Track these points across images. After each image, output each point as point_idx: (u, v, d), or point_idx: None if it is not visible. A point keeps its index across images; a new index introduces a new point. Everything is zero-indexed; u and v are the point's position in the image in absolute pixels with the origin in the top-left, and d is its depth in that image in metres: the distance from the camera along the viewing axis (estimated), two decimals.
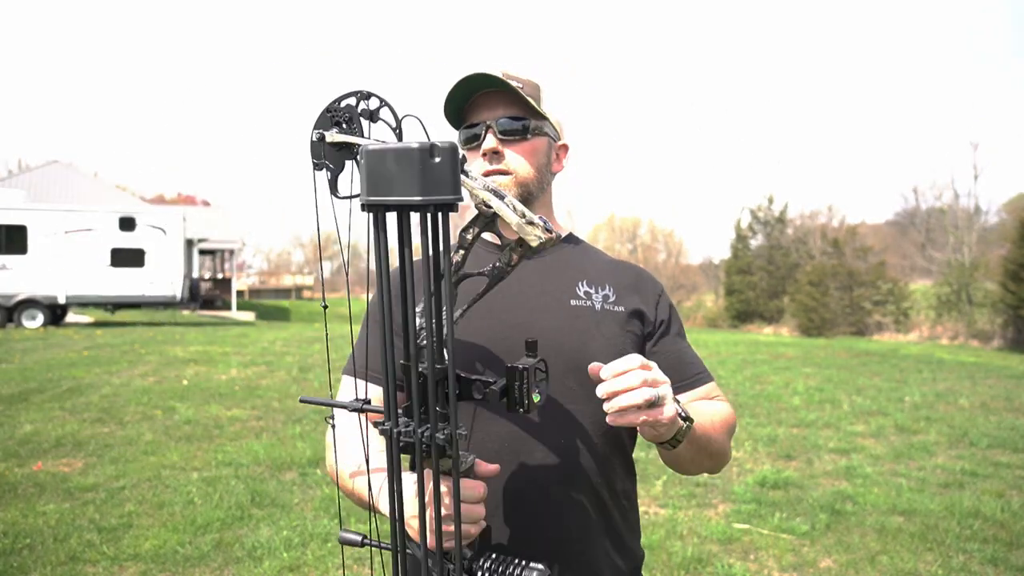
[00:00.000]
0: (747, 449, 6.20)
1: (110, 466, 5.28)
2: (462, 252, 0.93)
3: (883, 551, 4.09)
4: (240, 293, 36.32)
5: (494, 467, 1.01)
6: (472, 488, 0.95)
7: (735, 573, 3.77)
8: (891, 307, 26.53)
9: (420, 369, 0.85)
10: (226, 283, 30.92)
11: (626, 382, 1.00)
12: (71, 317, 20.59)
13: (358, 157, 0.81)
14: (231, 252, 31.51)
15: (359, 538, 1.04)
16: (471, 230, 0.95)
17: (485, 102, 1.32)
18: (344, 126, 1.01)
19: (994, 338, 22.51)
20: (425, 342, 0.88)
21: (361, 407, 0.99)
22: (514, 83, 1.29)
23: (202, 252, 31.00)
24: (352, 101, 1.01)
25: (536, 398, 0.95)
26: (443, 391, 0.85)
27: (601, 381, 1.01)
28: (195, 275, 26.34)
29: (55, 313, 18.07)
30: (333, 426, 1.20)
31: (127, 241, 18.15)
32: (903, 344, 21.52)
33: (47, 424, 6.40)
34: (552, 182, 1.40)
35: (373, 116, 1.01)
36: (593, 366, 1.03)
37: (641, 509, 2.28)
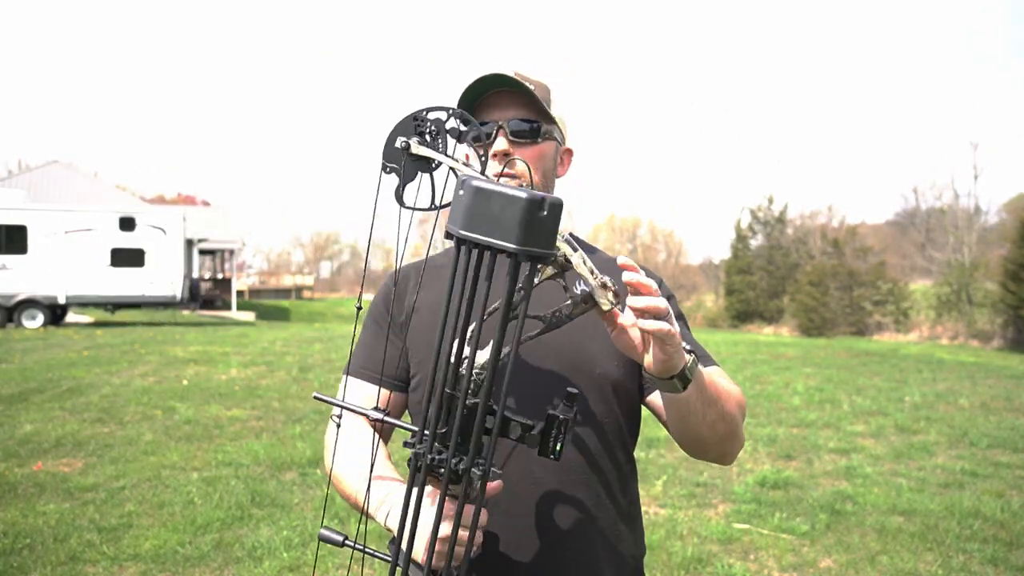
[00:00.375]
0: (747, 449, 6.19)
1: (110, 466, 5.28)
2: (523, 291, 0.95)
3: (883, 551, 4.09)
4: (240, 293, 36.31)
5: (497, 484, 1.00)
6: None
7: (735, 573, 3.77)
8: (891, 307, 26.51)
9: (468, 402, 0.86)
10: (226, 283, 30.93)
11: (649, 281, 0.98)
12: (71, 317, 20.59)
13: (459, 190, 0.80)
14: (231, 252, 31.51)
15: (340, 538, 1.04)
16: (539, 273, 0.94)
17: (497, 101, 1.29)
18: (428, 138, 1.00)
19: (994, 338, 22.49)
20: (463, 373, 0.88)
21: (382, 418, 0.99)
22: (528, 84, 1.27)
23: (202, 252, 31.00)
24: (442, 116, 1.00)
25: (560, 447, 0.96)
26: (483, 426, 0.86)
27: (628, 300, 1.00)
28: (195, 275, 26.35)
29: (55, 313, 18.07)
30: (338, 425, 1.20)
31: (127, 241, 18.15)
32: (903, 344, 21.52)
33: (47, 424, 6.40)
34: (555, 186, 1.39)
35: (462, 137, 1.01)
36: (623, 261, 1.00)
37: (641, 509, 2.27)
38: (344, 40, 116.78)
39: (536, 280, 0.93)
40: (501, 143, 1.28)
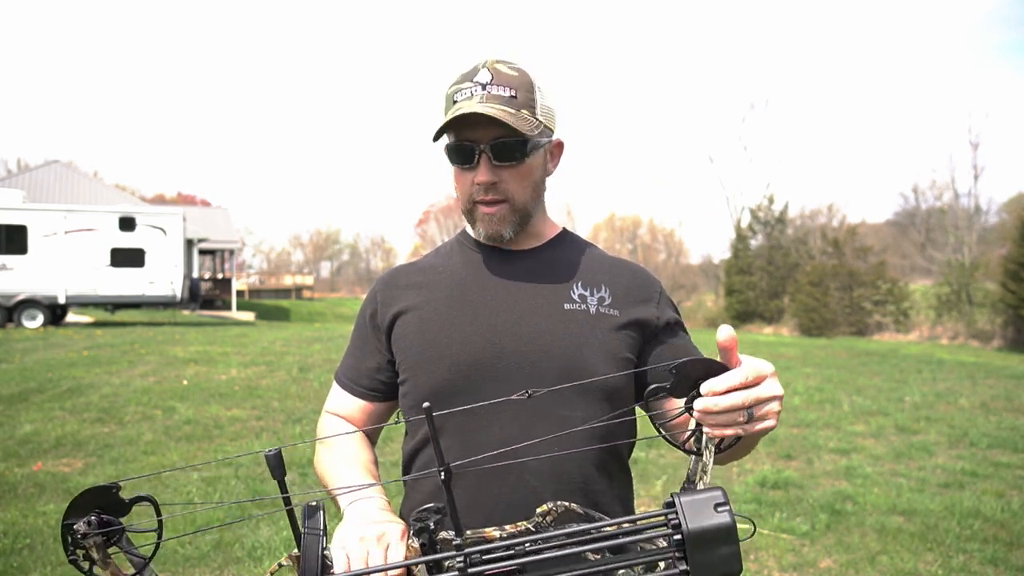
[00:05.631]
0: None
1: (110, 466, 5.28)
2: None
3: (883, 551, 4.09)
4: (240, 293, 36.31)
5: None
6: None
7: None
8: (891, 307, 26.50)
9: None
10: (226, 283, 30.92)
11: (719, 402, 0.90)
12: (71, 317, 20.58)
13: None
14: (231, 252, 31.52)
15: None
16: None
17: (477, 117, 1.15)
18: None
19: (994, 338, 22.49)
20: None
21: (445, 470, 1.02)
22: (507, 91, 1.17)
23: (202, 252, 31.01)
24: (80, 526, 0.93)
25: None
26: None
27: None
28: (195, 275, 26.34)
29: (55, 313, 18.06)
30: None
31: (127, 241, 18.14)
32: (903, 344, 21.53)
33: (47, 424, 6.40)
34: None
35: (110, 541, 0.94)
36: (723, 335, 0.92)
37: (641, 510, 2.27)
38: (344, 40, 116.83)
39: None
40: (485, 172, 1.18)
